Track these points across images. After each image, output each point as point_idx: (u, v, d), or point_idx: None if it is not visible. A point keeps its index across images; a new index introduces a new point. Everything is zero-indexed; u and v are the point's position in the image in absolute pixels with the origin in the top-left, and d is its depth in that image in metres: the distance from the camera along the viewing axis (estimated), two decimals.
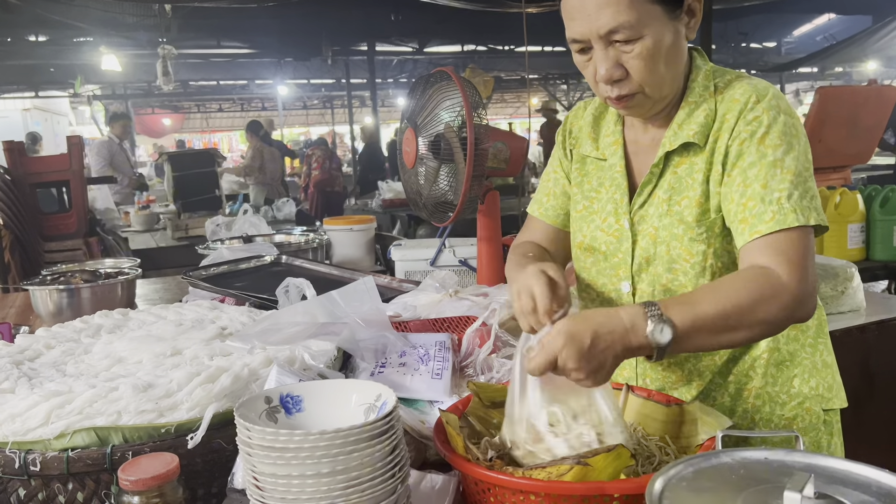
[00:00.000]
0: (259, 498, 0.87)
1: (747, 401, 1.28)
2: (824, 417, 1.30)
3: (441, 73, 2.03)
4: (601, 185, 1.33)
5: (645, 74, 1.15)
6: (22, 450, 1.00)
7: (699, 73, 1.24)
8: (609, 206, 1.30)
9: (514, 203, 4.16)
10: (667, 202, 1.23)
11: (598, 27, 1.11)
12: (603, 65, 1.15)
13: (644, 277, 1.27)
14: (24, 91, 14.09)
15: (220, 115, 22.64)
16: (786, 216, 1.11)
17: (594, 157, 1.35)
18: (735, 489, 0.75)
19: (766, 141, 1.15)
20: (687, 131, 1.21)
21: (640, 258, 1.26)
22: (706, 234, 1.21)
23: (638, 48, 1.12)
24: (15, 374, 1.16)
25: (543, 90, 19.39)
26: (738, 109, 1.18)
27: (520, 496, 0.93)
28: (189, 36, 9.66)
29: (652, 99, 1.19)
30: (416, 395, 1.32)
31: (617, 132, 1.32)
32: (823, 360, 1.32)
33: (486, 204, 2.17)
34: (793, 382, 1.28)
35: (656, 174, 1.25)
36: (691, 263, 1.22)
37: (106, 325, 1.44)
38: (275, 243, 3.01)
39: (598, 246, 1.32)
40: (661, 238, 1.23)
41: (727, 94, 1.21)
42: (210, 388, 1.08)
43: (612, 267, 1.30)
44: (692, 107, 1.22)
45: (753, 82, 1.21)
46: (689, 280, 1.23)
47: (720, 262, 1.22)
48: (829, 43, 12.28)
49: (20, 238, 4.10)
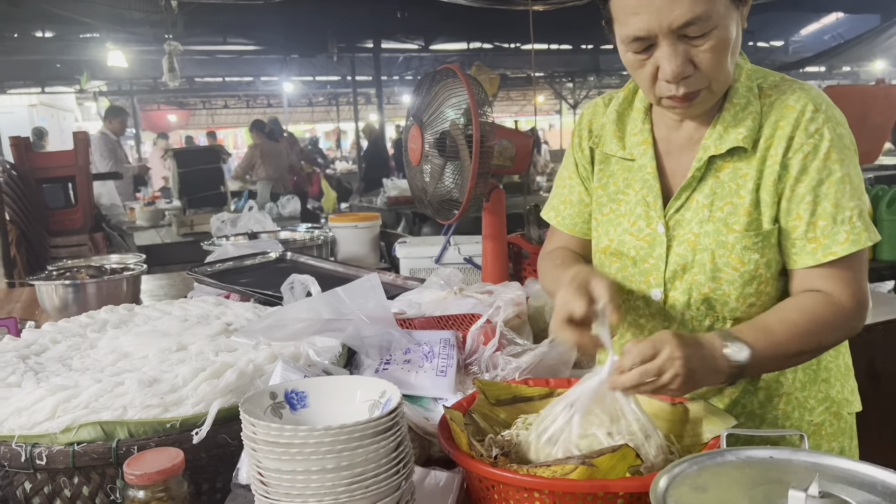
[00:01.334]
0: (264, 493, 0.87)
1: (777, 407, 1.25)
2: (850, 422, 1.29)
3: (447, 70, 2.03)
4: (628, 186, 1.27)
5: (714, 68, 1.09)
6: (28, 443, 1.01)
7: (741, 71, 1.18)
8: (639, 209, 1.24)
9: (520, 201, 4.15)
10: (708, 207, 1.18)
11: (670, 20, 1.04)
12: (673, 61, 1.07)
13: (678, 285, 1.21)
14: (30, 87, 14.13)
15: (225, 111, 22.65)
16: (859, 236, 1.11)
17: (620, 157, 1.28)
18: (740, 488, 0.75)
19: (831, 156, 1.12)
20: (734, 135, 1.15)
21: (676, 265, 1.20)
22: (761, 244, 1.16)
23: (711, 41, 1.06)
24: (21, 368, 1.17)
25: (549, 88, 19.37)
26: (793, 118, 1.13)
27: (524, 493, 0.93)
28: (195, 32, 9.67)
29: (716, 95, 1.14)
30: (421, 392, 1.32)
31: (645, 130, 1.25)
32: (846, 363, 1.31)
33: (491, 202, 2.17)
34: (820, 387, 1.26)
35: (697, 177, 1.19)
36: (740, 273, 1.17)
37: (111, 321, 1.45)
38: (280, 240, 3.01)
39: (627, 251, 1.25)
40: (702, 245, 1.18)
41: (777, 98, 1.16)
42: (215, 384, 1.08)
43: (642, 273, 1.25)
44: (737, 108, 1.16)
45: (805, 88, 1.17)
46: (734, 290, 1.18)
47: (769, 273, 1.18)
48: (836, 42, 12.24)
49: (26, 233, 4.11)
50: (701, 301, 1.20)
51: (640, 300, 1.27)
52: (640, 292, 1.26)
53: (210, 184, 5.37)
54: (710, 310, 1.21)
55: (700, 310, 1.21)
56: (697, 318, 1.22)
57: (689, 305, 1.21)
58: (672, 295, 1.22)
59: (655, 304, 1.25)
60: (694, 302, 1.21)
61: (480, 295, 1.77)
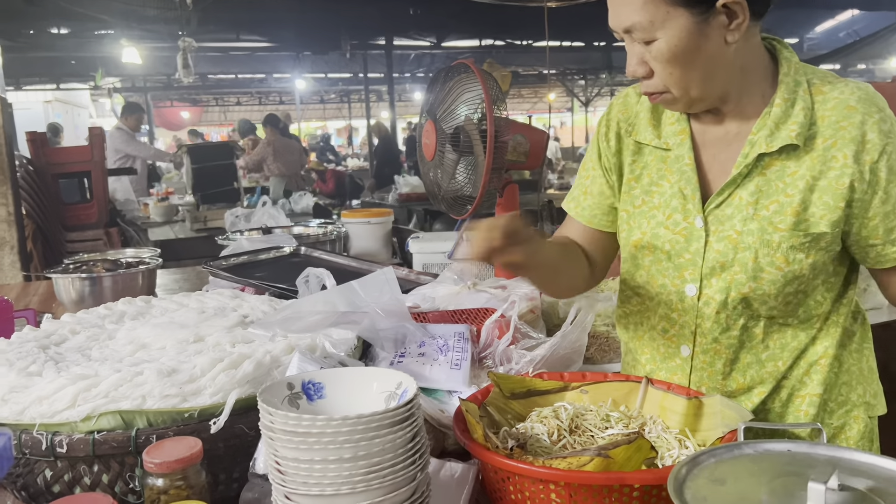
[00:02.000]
0: (281, 482, 0.87)
1: (799, 408, 1.24)
2: (870, 426, 1.27)
3: (461, 65, 2.03)
4: (662, 177, 1.23)
5: (664, 76, 1.11)
6: (49, 431, 1.02)
7: (790, 66, 1.16)
8: (675, 202, 1.21)
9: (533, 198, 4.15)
10: (753, 205, 1.15)
11: (619, 22, 1.10)
12: (630, 60, 1.13)
13: (715, 283, 1.19)
14: (45, 83, 14.25)
15: (238, 108, 22.74)
16: None
17: (654, 147, 1.25)
18: (758, 480, 0.74)
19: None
20: (786, 132, 1.12)
21: (714, 262, 1.18)
22: (809, 245, 1.13)
23: (654, 51, 1.09)
24: (42, 357, 1.18)
25: (561, 85, 19.31)
26: (858, 119, 1.11)
27: (539, 485, 0.94)
28: (209, 29, 9.72)
29: (682, 99, 1.13)
30: (436, 384, 1.32)
31: (683, 120, 1.22)
32: (869, 366, 1.28)
33: (504, 197, 2.17)
34: (841, 390, 1.24)
35: (744, 174, 1.16)
36: (784, 273, 1.14)
37: (129, 312, 1.46)
38: (293, 235, 3.02)
39: (661, 244, 1.22)
40: (745, 243, 1.15)
41: (832, 95, 1.13)
42: (233, 374, 1.09)
43: (677, 268, 1.22)
44: (788, 104, 1.13)
45: (861, 87, 1.15)
46: (774, 289, 1.16)
47: (812, 273, 1.16)
48: (852, 39, 12.12)
49: (42, 227, 4.15)
50: (739, 300, 1.18)
51: (674, 294, 1.24)
52: (673, 287, 1.24)
53: (223, 180, 5.39)
54: (747, 308, 1.19)
55: (737, 308, 1.19)
56: (733, 316, 1.20)
57: (725, 304, 1.19)
58: (707, 292, 1.20)
59: (689, 299, 1.22)
60: (731, 301, 1.19)
61: (494, 290, 1.78)
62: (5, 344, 1.26)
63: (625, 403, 1.20)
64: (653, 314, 1.29)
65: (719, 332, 1.22)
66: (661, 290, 1.26)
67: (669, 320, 1.27)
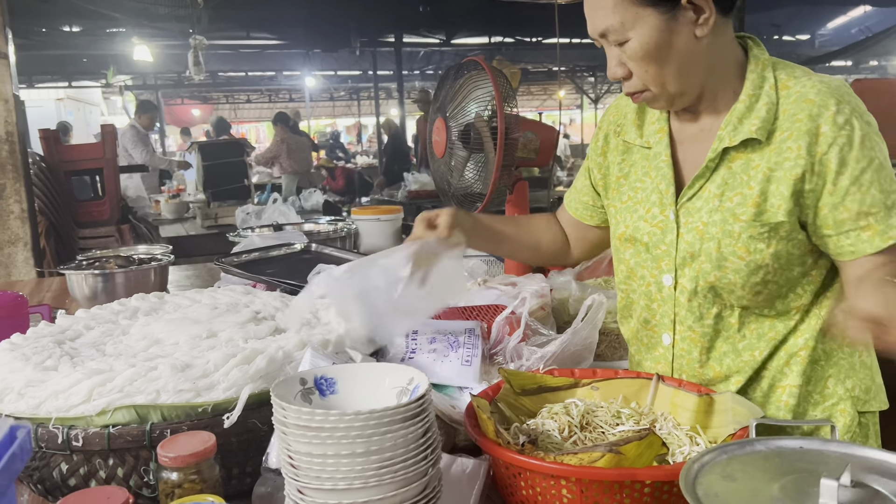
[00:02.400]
0: (294, 476, 0.88)
1: (780, 398, 1.26)
2: (859, 420, 1.27)
3: (472, 62, 2.03)
4: (646, 174, 1.30)
5: (641, 74, 1.17)
6: (65, 425, 1.03)
7: (757, 63, 1.20)
8: (654, 197, 1.28)
9: (543, 195, 4.15)
10: (718, 197, 1.20)
11: (594, 27, 1.17)
12: (609, 63, 1.19)
13: (687, 272, 1.24)
14: (57, 81, 14.35)
15: (248, 106, 22.83)
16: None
17: (639, 146, 1.32)
18: (770, 477, 0.74)
19: (866, 144, 1.12)
20: (748, 126, 1.16)
21: (685, 252, 1.23)
22: (768, 234, 1.17)
23: (628, 51, 1.15)
24: (57, 352, 1.19)
25: (571, 82, 19.26)
26: (813, 112, 1.13)
27: (550, 481, 0.94)
28: (219, 27, 9.75)
29: (662, 96, 1.19)
30: (446, 381, 1.33)
31: (662, 119, 1.29)
32: (862, 360, 1.28)
33: (514, 194, 2.17)
34: (827, 383, 1.26)
35: (711, 168, 1.21)
36: (746, 262, 1.18)
37: (143, 308, 1.47)
38: (304, 232, 3.03)
39: (640, 237, 1.29)
40: (709, 234, 1.20)
41: (795, 90, 1.16)
42: (246, 370, 1.10)
43: (654, 259, 1.28)
44: (752, 100, 1.17)
45: (825, 80, 1.16)
46: (739, 278, 1.19)
47: (776, 263, 1.18)
48: (864, 35, 12.02)
49: (55, 224, 4.18)
50: (707, 289, 1.23)
51: (653, 285, 1.30)
52: (652, 277, 1.29)
53: (234, 177, 5.41)
54: (717, 297, 1.23)
55: (707, 297, 1.24)
56: (705, 305, 1.25)
57: (696, 293, 1.24)
58: (681, 282, 1.25)
59: (667, 289, 1.27)
60: (700, 289, 1.23)
61: (504, 286, 1.78)
62: (21, 339, 1.28)
63: (636, 400, 1.21)
64: (637, 305, 1.35)
65: (693, 320, 1.26)
66: (641, 282, 1.32)
67: (650, 310, 1.32)
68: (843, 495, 0.68)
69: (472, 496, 1.02)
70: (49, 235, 4.15)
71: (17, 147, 3.81)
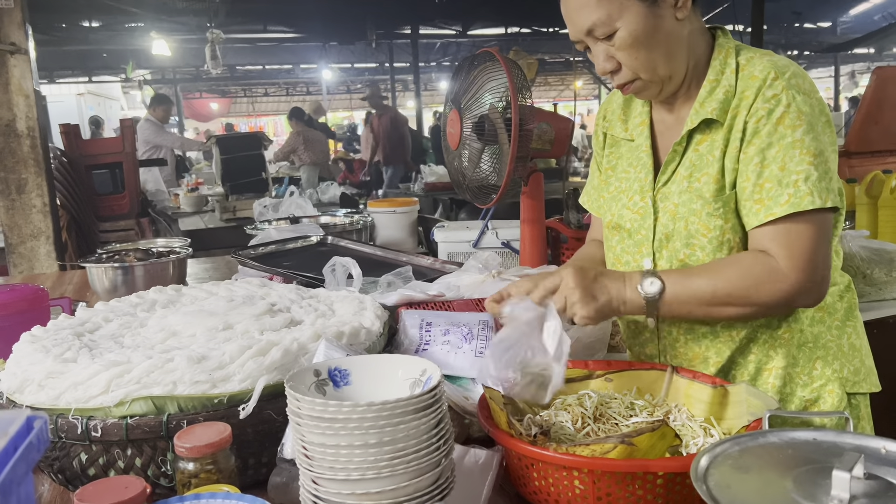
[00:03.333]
0: (308, 467, 0.89)
1: (767, 381, 1.28)
2: (850, 401, 1.29)
3: (486, 53, 2.03)
4: (630, 165, 1.36)
5: (632, 63, 1.20)
6: (84, 416, 1.05)
7: (721, 51, 1.25)
8: (635, 185, 1.33)
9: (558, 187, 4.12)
10: (687, 179, 1.25)
11: (578, 28, 1.20)
12: (597, 60, 1.22)
13: (664, 254, 1.29)
14: (78, 76, 14.50)
15: (266, 99, 22.92)
16: (801, 199, 1.13)
17: (625, 139, 1.38)
18: (782, 468, 0.74)
19: (784, 121, 1.15)
20: (707, 108, 1.22)
21: (661, 234, 1.28)
22: (723, 210, 1.21)
23: (617, 41, 1.19)
24: (76, 344, 1.21)
25: (588, 72, 19.11)
26: (756, 86, 1.18)
27: (563, 472, 0.94)
28: (236, 21, 9.80)
29: (654, 82, 1.23)
30: (460, 372, 1.33)
31: (644, 113, 1.36)
32: (851, 343, 1.31)
33: (529, 186, 2.17)
34: (815, 364, 1.28)
35: (679, 152, 1.27)
36: (709, 238, 1.23)
37: (160, 301, 1.49)
38: (320, 224, 3.05)
39: (624, 224, 1.34)
40: (680, 214, 1.25)
41: (747, 70, 1.21)
42: (261, 361, 1.11)
43: (636, 244, 1.33)
44: (713, 84, 1.23)
45: (774, 59, 1.21)
46: (706, 255, 1.24)
47: (738, 237, 1.23)
48: (887, 22, 11.82)
49: (76, 218, 4.24)
50: (680, 267, 1.26)
51: (636, 269, 1.31)
52: (634, 262, 1.34)
53: (252, 170, 5.44)
54: None
55: None
56: None
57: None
58: (659, 264, 1.30)
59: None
60: (674, 269, 1.26)
61: (518, 278, 1.77)
62: (41, 331, 1.30)
63: (650, 392, 1.20)
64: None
65: None
66: (626, 267, 1.36)
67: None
68: (855, 487, 0.67)
69: (485, 487, 1.03)
70: (71, 229, 4.21)
71: (38, 142, 3.86)
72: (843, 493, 0.67)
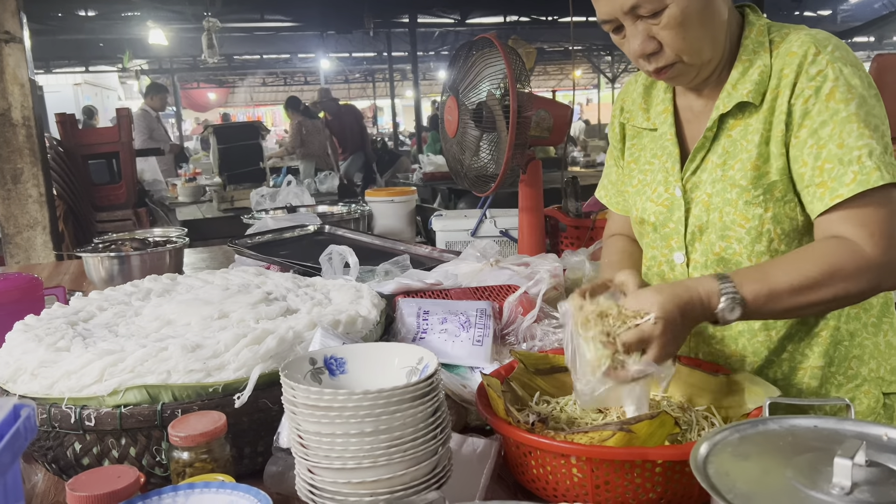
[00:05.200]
0: (304, 456, 0.88)
1: (802, 381, 1.22)
2: (884, 401, 1.23)
3: (484, 40, 2.01)
4: (654, 156, 1.29)
5: (678, 43, 1.10)
6: (77, 405, 1.04)
7: (752, 29, 1.17)
8: (660, 176, 1.26)
9: (557, 176, 4.11)
10: (721, 167, 1.17)
11: (620, 4, 1.09)
12: (635, 40, 1.11)
13: (698, 247, 1.21)
14: (74, 66, 14.43)
15: (263, 89, 22.85)
16: (869, 175, 1.03)
17: (646, 129, 1.31)
18: (783, 456, 0.73)
19: (835, 96, 1.07)
20: (741, 91, 1.14)
21: (694, 227, 1.21)
22: (763, 198, 1.13)
23: (665, 19, 1.08)
24: (70, 333, 1.20)
25: (587, 62, 19.05)
26: (796, 63, 1.10)
27: (561, 460, 0.93)
28: (233, 10, 9.74)
29: (694, 66, 1.14)
30: (458, 360, 1.32)
31: (667, 100, 1.28)
32: (888, 340, 1.24)
33: (528, 174, 2.15)
34: (850, 364, 1.21)
35: (710, 138, 1.19)
36: (746, 229, 1.15)
37: (155, 289, 1.47)
38: (318, 214, 3.04)
39: (648, 217, 1.27)
40: (714, 205, 1.18)
41: (783, 47, 1.13)
42: (256, 350, 1.10)
43: (663, 238, 1.26)
44: (746, 65, 1.15)
45: (812, 33, 1.13)
46: (743, 248, 1.16)
47: (779, 229, 1.14)
48: (887, 10, 11.76)
49: (73, 208, 4.23)
50: (716, 262, 1.20)
51: (665, 264, 1.27)
52: (663, 257, 1.27)
53: (249, 160, 5.42)
54: (727, 270, 1.17)
55: (718, 271, 1.19)
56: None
57: (707, 267, 1.21)
58: (693, 257, 1.23)
59: (679, 267, 1.25)
60: (710, 263, 1.21)
61: (517, 267, 1.77)
62: (35, 320, 1.28)
63: None
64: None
65: None
66: (652, 262, 1.31)
67: None
68: (857, 475, 0.66)
69: (483, 475, 1.02)
70: (67, 219, 4.19)
71: (33, 131, 3.84)
72: (844, 481, 0.66)
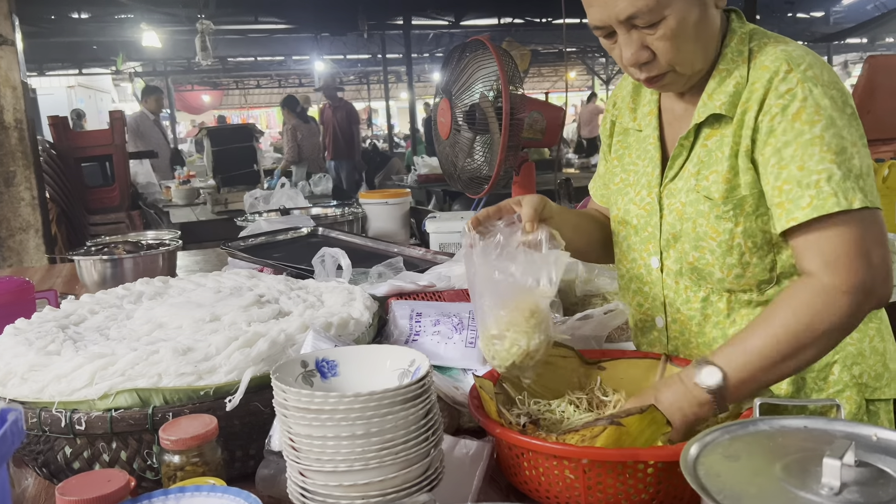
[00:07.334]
0: (295, 459, 0.88)
1: (780, 387, 1.21)
2: (867, 407, 1.22)
3: (477, 42, 2.01)
4: (639, 157, 1.29)
5: (672, 54, 1.09)
6: (68, 409, 1.03)
7: (733, 37, 1.16)
8: (643, 179, 1.26)
9: (550, 178, 4.11)
10: (695, 177, 1.17)
11: (616, 13, 1.07)
12: (628, 49, 1.10)
13: (672, 254, 1.22)
14: (68, 68, 14.39)
15: (258, 91, 22.83)
16: (825, 201, 1.02)
17: (633, 129, 1.32)
18: (772, 456, 0.73)
19: (801, 116, 1.05)
20: (716, 101, 1.14)
21: (668, 234, 1.21)
22: (733, 213, 1.13)
23: (661, 30, 1.07)
24: (61, 337, 1.19)
25: (582, 63, 19.09)
26: (766, 79, 1.09)
27: (553, 461, 0.93)
28: (227, 12, 9.72)
29: (685, 76, 1.14)
30: (450, 363, 1.32)
31: (653, 102, 1.28)
32: (873, 346, 1.23)
33: (521, 175, 2.16)
34: (832, 369, 1.21)
35: (686, 147, 1.19)
36: (718, 242, 1.15)
37: (147, 292, 1.47)
38: (311, 216, 3.03)
39: (630, 219, 1.28)
40: (687, 214, 1.18)
41: (759, 59, 1.12)
42: (248, 353, 1.10)
43: (643, 241, 1.27)
44: (723, 75, 1.14)
45: (789, 49, 1.11)
46: (715, 259, 1.16)
47: (750, 242, 1.14)
48: (880, 12, 11.82)
49: (66, 211, 4.21)
50: (690, 270, 1.21)
51: (643, 268, 1.29)
52: (641, 260, 1.28)
53: (243, 162, 5.41)
54: (701, 279, 1.20)
55: (692, 279, 1.21)
56: (692, 287, 1.22)
57: (681, 274, 1.22)
58: (667, 263, 1.24)
59: (654, 271, 1.26)
60: (685, 271, 1.21)
61: None
62: (25, 324, 1.28)
63: (644, 380, 1.19)
64: (629, 288, 1.33)
65: (681, 302, 1.24)
66: (633, 264, 1.31)
67: (643, 293, 1.30)
68: (846, 475, 0.66)
69: (476, 478, 1.02)
70: (60, 222, 4.18)
71: (26, 134, 3.83)
72: (833, 481, 0.66)
